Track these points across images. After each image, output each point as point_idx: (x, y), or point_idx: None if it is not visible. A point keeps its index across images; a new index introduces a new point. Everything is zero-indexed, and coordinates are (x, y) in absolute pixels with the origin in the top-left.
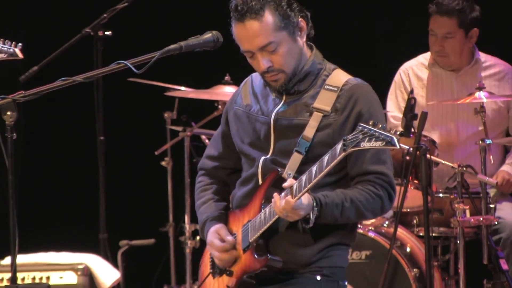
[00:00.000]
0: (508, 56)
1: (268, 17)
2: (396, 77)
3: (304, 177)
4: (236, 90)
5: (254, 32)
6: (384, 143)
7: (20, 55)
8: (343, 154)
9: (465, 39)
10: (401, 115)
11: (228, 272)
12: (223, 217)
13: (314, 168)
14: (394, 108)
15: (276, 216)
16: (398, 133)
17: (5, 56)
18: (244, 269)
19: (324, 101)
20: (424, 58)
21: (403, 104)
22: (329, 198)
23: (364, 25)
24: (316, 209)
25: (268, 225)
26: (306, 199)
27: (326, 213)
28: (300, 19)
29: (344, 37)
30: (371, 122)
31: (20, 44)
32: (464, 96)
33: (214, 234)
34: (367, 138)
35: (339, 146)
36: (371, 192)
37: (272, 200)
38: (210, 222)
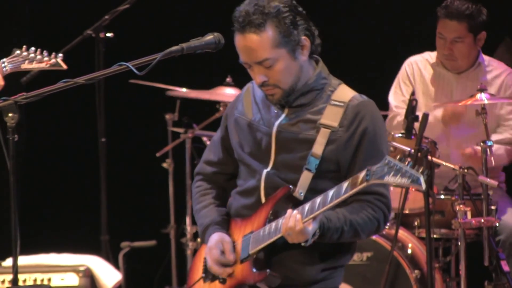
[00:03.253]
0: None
1: (269, 33)
2: (402, 70)
3: (318, 200)
4: (237, 96)
5: (252, 45)
6: (410, 181)
7: (64, 66)
8: (364, 184)
9: (474, 42)
10: (403, 106)
11: (221, 280)
12: (226, 223)
13: (330, 193)
14: (400, 102)
15: (280, 234)
16: (425, 172)
17: (47, 66)
18: (239, 280)
19: (331, 116)
20: (430, 55)
21: (407, 97)
22: (332, 222)
23: (366, 27)
24: (317, 234)
25: (271, 240)
26: (311, 225)
27: (325, 237)
28: (304, 37)
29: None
30: (398, 157)
31: (60, 54)
32: (464, 98)
33: (218, 243)
34: (393, 173)
35: (361, 174)
36: (370, 214)
37: (287, 214)
38: (213, 226)
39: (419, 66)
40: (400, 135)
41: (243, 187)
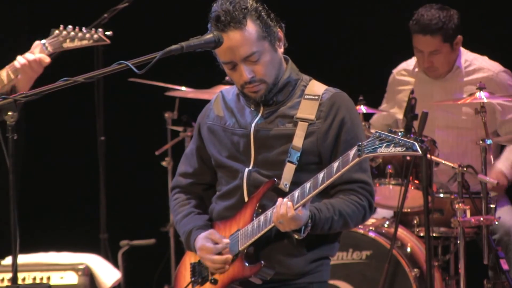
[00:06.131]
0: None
1: (251, 26)
2: (390, 79)
3: (308, 184)
4: (206, 106)
5: (238, 42)
6: (404, 148)
7: (107, 40)
8: (357, 159)
9: (451, 49)
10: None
11: (212, 280)
12: (209, 227)
13: (320, 175)
14: (383, 107)
15: (272, 225)
16: (419, 139)
17: (90, 42)
18: (231, 277)
19: (307, 110)
20: (415, 60)
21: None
22: (322, 213)
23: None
24: (310, 225)
25: (262, 233)
26: (302, 211)
27: (317, 228)
28: (278, 29)
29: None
30: (387, 130)
31: (100, 29)
32: (444, 101)
33: (205, 239)
34: (385, 144)
35: (352, 151)
36: (356, 203)
37: (277, 203)
38: (196, 230)
39: (402, 74)
40: (399, 133)
41: (224, 190)
